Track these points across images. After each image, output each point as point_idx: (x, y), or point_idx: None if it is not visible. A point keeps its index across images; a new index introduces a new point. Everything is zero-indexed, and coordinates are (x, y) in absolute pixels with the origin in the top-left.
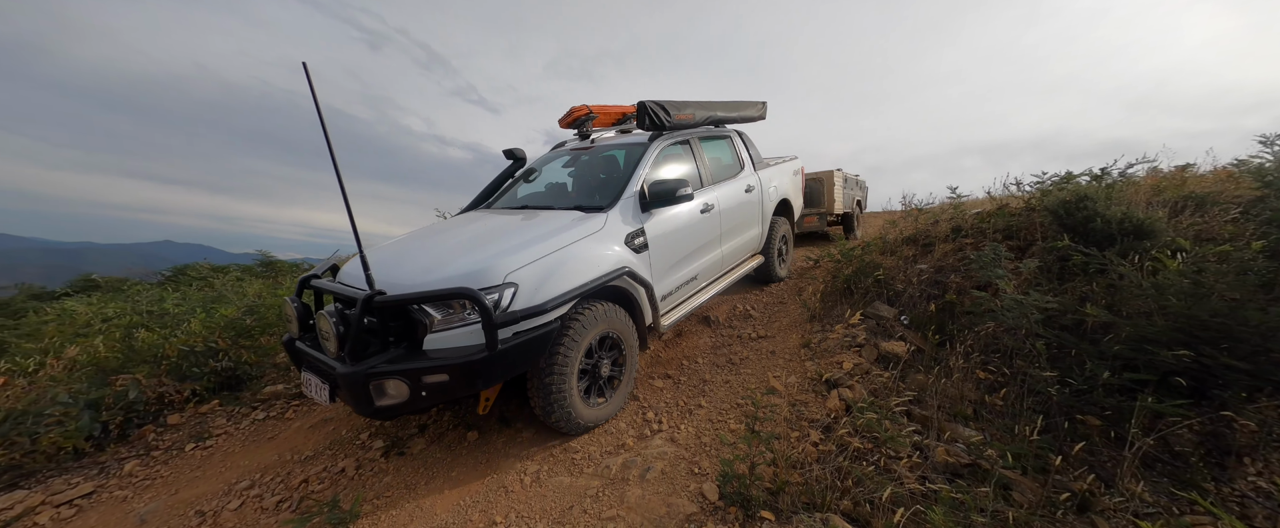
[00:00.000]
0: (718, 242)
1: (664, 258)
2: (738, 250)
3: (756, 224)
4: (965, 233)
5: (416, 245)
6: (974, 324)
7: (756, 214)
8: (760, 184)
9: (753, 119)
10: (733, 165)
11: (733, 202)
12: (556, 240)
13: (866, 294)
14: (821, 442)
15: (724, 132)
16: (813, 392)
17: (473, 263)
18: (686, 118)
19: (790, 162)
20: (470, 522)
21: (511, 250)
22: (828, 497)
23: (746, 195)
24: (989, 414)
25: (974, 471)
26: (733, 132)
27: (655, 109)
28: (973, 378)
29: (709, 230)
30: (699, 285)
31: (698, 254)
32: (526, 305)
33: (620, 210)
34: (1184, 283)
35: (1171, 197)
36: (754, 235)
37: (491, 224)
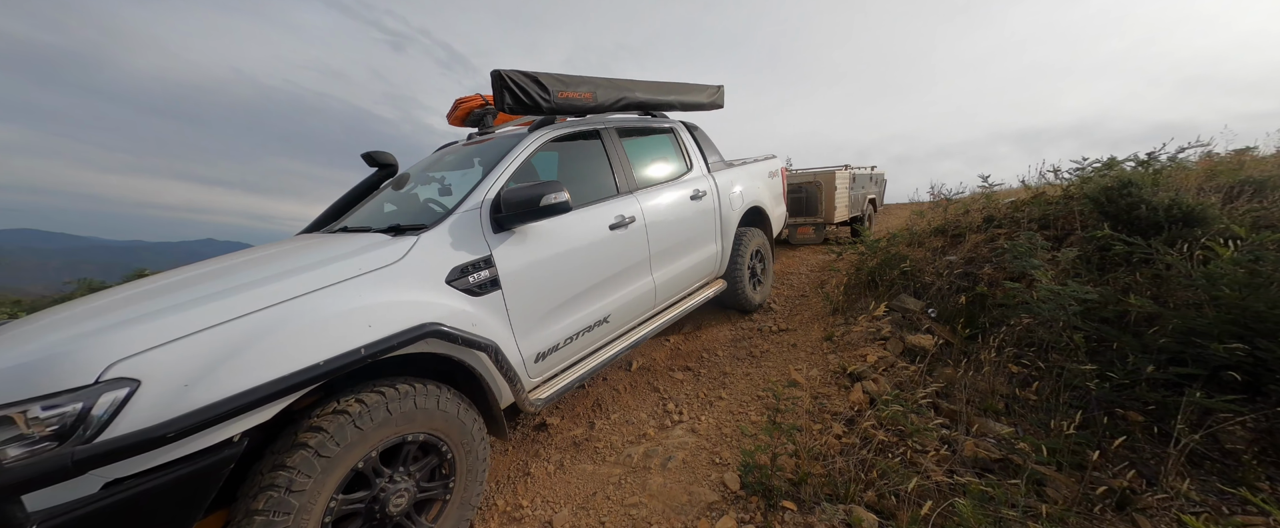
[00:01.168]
0: (645, 267)
1: (536, 298)
2: (683, 276)
3: (711, 240)
4: (998, 223)
5: (93, 306)
6: (1007, 317)
7: (710, 227)
8: (716, 189)
9: (700, 106)
10: (674, 166)
11: (670, 213)
12: (276, 289)
13: (892, 287)
14: (844, 434)
15: (661, 123)
16: (835, 385)
17: (40, 347)
18: (580, 99)
19: (763, 161)
20: (495, 507)
21: (151, 316)
22: (851, 488)
23: (694, 204)
24: (1022, 409)
25: (1005, 465)
26: (676, 124)
27: (517, 83)
28: (1004, 372)
29: (627, 253)
30: (614, 331)
31: (608, 287)
32: (160, 419)
33: (445, 233)
34: (1239, 272)
35: (1226, 181)
36: (709, 254)
37: (234, 262)
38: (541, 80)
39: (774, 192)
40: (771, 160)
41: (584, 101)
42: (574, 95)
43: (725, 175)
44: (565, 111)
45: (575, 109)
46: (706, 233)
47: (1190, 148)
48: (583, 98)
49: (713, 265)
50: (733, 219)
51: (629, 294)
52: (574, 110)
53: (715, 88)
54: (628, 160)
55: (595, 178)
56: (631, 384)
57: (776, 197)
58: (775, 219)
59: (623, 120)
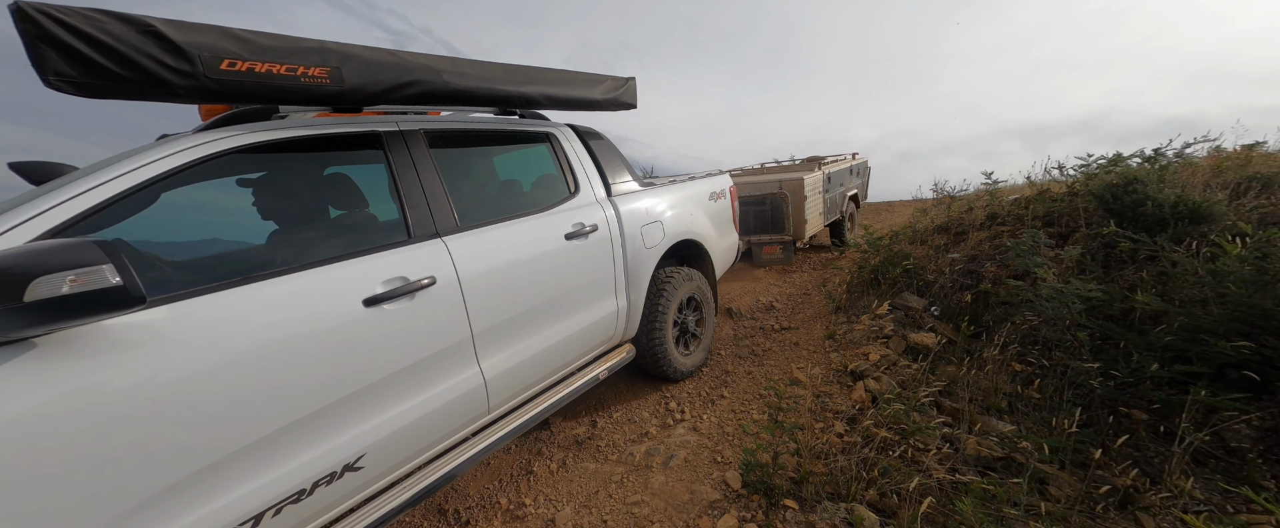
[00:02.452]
0: (461, 354)
1: (108, 479)
2: (549, 354)
3: (605, 293)
4: (1002, 220)
5: None
6: (1010, 315)
7: (603, 274)
8: (615, 221)
9: (593, 105)
10: (545, 189)
11: (524, 261)
12: None
13: (894, 285)
14: (846, 433)
15: (527, 126)
16: (837, 383)
17: None
18: (300, 79)
19: (703, 179)
20: (499, 505)
21: None
22: (852, 487)
23: (571, 245)
24: (1024, 407)
25: (1007, 464)
26: (556, 129)
27: (82, 35)
28: (1007, 370)
29: (415, 338)
30: (381, 477)
31: (358, 407)
32: None
33: None
34: (1246, 269)
35: (1234, 178)
36: (601, 315)
37: None
38: (163, 32)
39: (720, 217)
40: (716, 178)
41: (311, 84)
42: (280, 70)
43: (636, 201)
44: (242, 96)
45: (284, 94)
46: (596, 284)
47: (1197, 143)
48: (309, 78)
49: (609, 328)
50: (647, 260)
51: (422, 406)
52: (279, 96)
53: (620, 81)
54: (441, 184)
55: (353, 218)
56: (632, 383)
57: (723, 223)
58: (721, 253)
59: (446, 122)
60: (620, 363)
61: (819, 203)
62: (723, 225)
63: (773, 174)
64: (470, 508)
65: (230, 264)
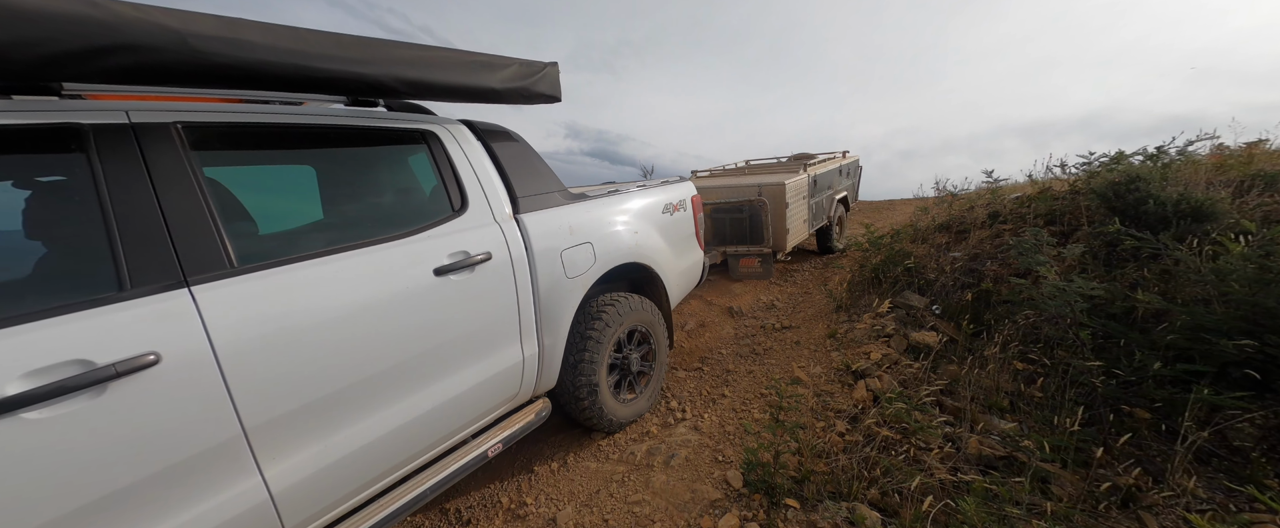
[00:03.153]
0: (222, 461)
1: None
2: (413, 433)
3: (507, 339)
4: (1004, 218)
5: None
6: (1012, 313)
7: (500, 316)
8: (521, 245)
9: (488, 95)
10: (416, 207)
11: (350, 315)
12: None
13: (896, 283)
14: (848, 432)
15: (393, 122)
16: (839, 382)
17: None
18: None
19: (656, 188)
20: (500, 504)
21: None
22: (854, 486)
23: (442, 283)
24: (1026, 406)
25: (1009, 463)
26: (438, 127)
27: None
28: (1009, 369)
29: (111, 458)
30: None
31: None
32: None
33: None
34: (1249, 268)
35: (1237, 175)
36: (502, 369)
37: None
38: None
39: (677, 234)
40: (671, 187)
41: None
42: None
43: (555, 219)
44: None
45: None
46: (489, 329)
47: (1200, 141)
48: None
49: (511, 384)
50: (570, 292)
51: None
52: None
53: (533, 66)
54: (203, 203)
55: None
56: None
57: (682, 241)
58: (678, 276)
59: (228, 113)
60: (525, 429)
61: (803, 209)
62: (681, 243)
63: (753, 176)
64: (472, 507)
65: None
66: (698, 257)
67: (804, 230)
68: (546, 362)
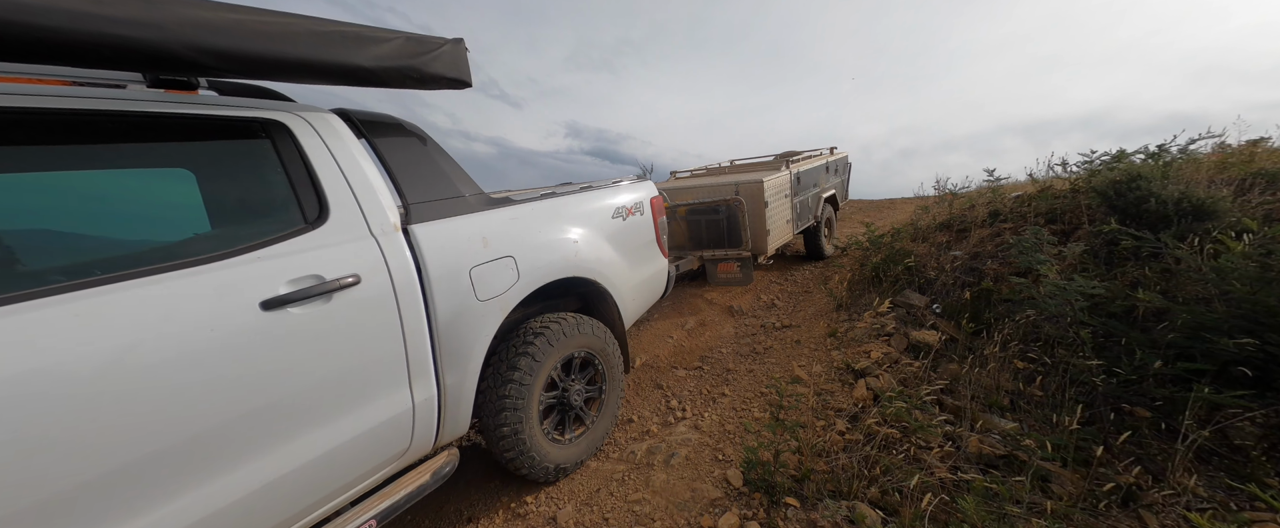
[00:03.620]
0: None
1: None
2: (238, 517)
3: (386, 383)
4: (1004, 217)
5: None
6: (1012, 312)
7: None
8: (405, 262)
9: (360, 76)
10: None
11: (97, 374)
12: None
13: (896, 282)
14: (848, 431)
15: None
16: (839, 381)
17: None
18: None
19: (605, 189)
20: (501, 502)
21: None
22: (854, 485)
23: (274, 318)
24: (1026, 405)
25: (1009, 462)
26: (284, 119)
27: None
28: (1010, 368)
29: None
30: None
31: None
32: None
33: None
34: (1250, 266)
35: (1238, 174)
36: (381, 421)
37: None
38: None
39: (633, 241)
40: (624, 189)
41: None
42: None
43: (460, 228)
44: None
45: None
46: (363, 373)
47: (1201, 139)
48: None
49: (396, 439)
50: (482, 318)
51: None
52: None
53: (426, 43)
54: None
55: None
56: (635, 381)
57: (639, 249)
58: (634, 289)
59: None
60: (416, 493)
61: (785, 209)
62: (638, 252)
63: (731, 175)
64: (474, 507)
65: None
66: (659, 266)
67: (787, 232)
68: (451, 405)
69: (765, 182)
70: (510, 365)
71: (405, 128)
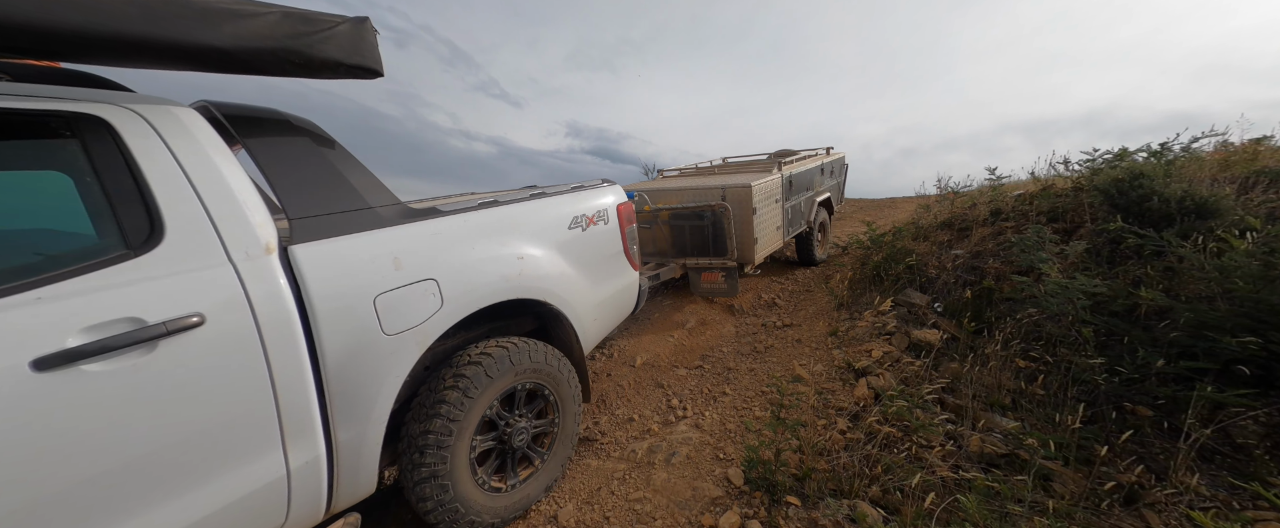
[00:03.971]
0: None
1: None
2: None
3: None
4: (1005, 216)
5: None
6: (1014, 311)
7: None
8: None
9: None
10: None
11: None
12: None
13: (897, 281)
14: (849, 430)
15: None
16: (840, 380)
17: None
18: None
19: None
20: None
21: None
22: (855, 484)
23: (53, 379)
24: (1028, 404)
25: (1011, 461)
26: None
27: None
28: (1011, 366)
29: None
30: None
31: None
32: None
33: None
34: (1253, 264)
35: (1241, 172)
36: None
37: None
38: None
39: (594, 253)
40: (588, 193)
41: None
42: None
43: (361, 246)
44: None
45: None
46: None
47: (1204, 138)
48: None
49: (274, 511)
50: (392, 354)
51: None
52: None
53: (326, 22)
54: None
55: None
56: (636, 380)
57: (604, 263)
58: (596, 308)
59: None
60: None
61: (776, 214)
62: (601, 266)
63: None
64: None
65: None
66: (627, 280)
67: (777, 238)
68: (347, 465)
69: (753, 186)
70: (436, 400)
71: (294, 125)
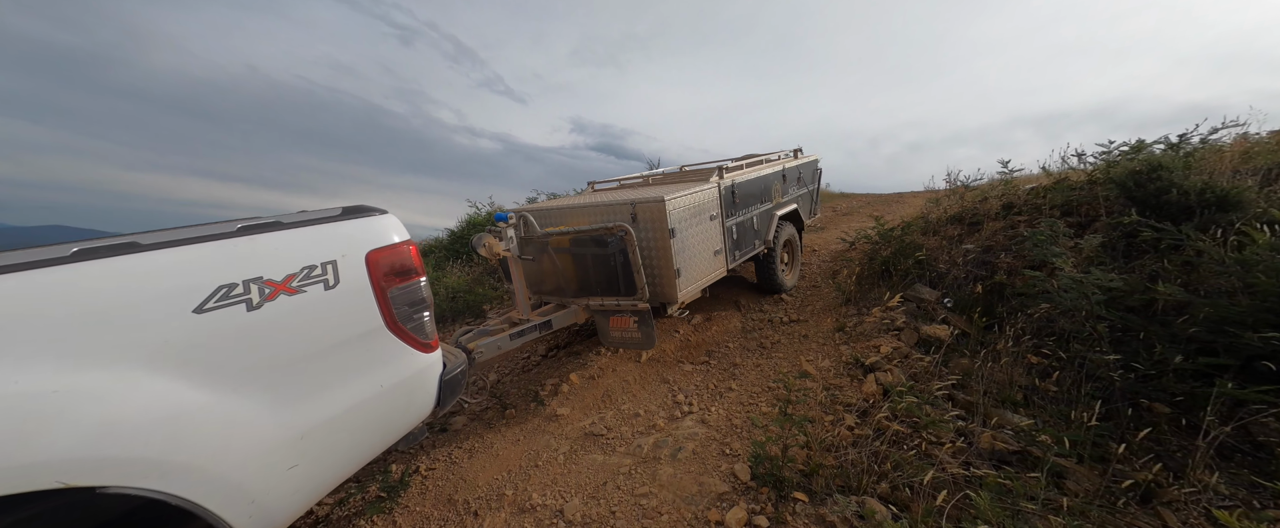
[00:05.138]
0: None
1: None
2: None
3: None
4: (1018, 210)
5: None
6: (1026, 306)
7: None
8: None
9: None
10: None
11: None
12: None
13: (906, 276)
14: (857, 426)
15: None
16: (847, 376)
17: None
18: None
19: (207, 244)
20: (505, 496)
21: None
22: (864, 480)
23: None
24: (1041, 400)
25: (1023, 458)
26: None
27: None
28: (1023, 363)
29: None
30: None
31: None
32: None
33: None
34: (1276, 258)
35: (1263, 163)
36: None
37: None
38: None
39: (303, 345)
40: (294, 237)
41: None
42: None
43: None
44: None
45: None
46: None
47: (1224, 129)
48: None
49: None
50: None
51: None
52: None
53: None
54: None
55: None
56: (641, 376)
57: (335, 354)
58: (309, 446)
59: None
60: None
61: (711, 235)
62: (320, 364)
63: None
64: (479, 498)
65: None
66: (398, 374)
67: (714, 266)
68: None
69: (669, 201)
70: None
71: None
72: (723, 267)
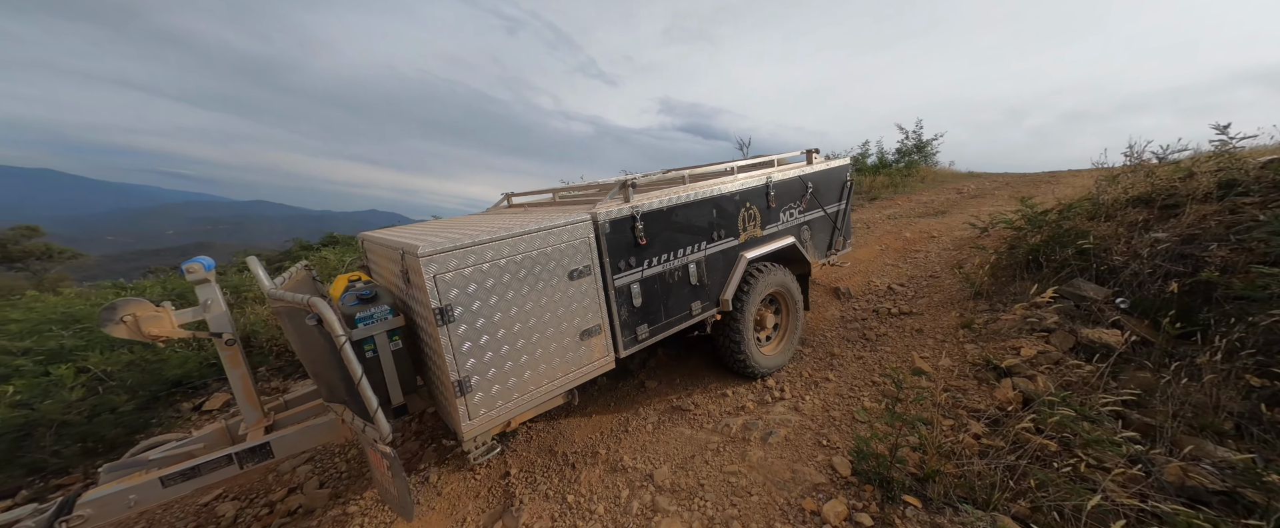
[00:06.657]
0: None
1: None
2: None
3: None
4: (1243, 189)
5: None
6: (1249, 313)
7: None
8: None
9: None
10: None
11: None
12: None
13: (1062, 269)
14: (985, 435)
15: None
16: (975, 378)
17: None
18: None
19: None
20: (599, 454)
21: None
22: (994, 495)
23: None
24: (1263, 432)
25: (1231, 500)
26: None
27: None
28: (1237, 383)
29: None
30: None
31: None
32: None
33: None
34: None
35: None
36: None
37: None
38: None
39: None
40: None
41: None
42: None
43: None
44: None
45: None
46: None
47: None
48: None
49: None
50: None
51: None
52: None
53: None
54: None
55: None
56: None
57: None
58: None
59: None
60: None
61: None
62: None
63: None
64: (576, 452)
65: None
66: None
67: (574, 362)
68: None
69: (424, 257)
70: None
71: None
72: (606, 354)
